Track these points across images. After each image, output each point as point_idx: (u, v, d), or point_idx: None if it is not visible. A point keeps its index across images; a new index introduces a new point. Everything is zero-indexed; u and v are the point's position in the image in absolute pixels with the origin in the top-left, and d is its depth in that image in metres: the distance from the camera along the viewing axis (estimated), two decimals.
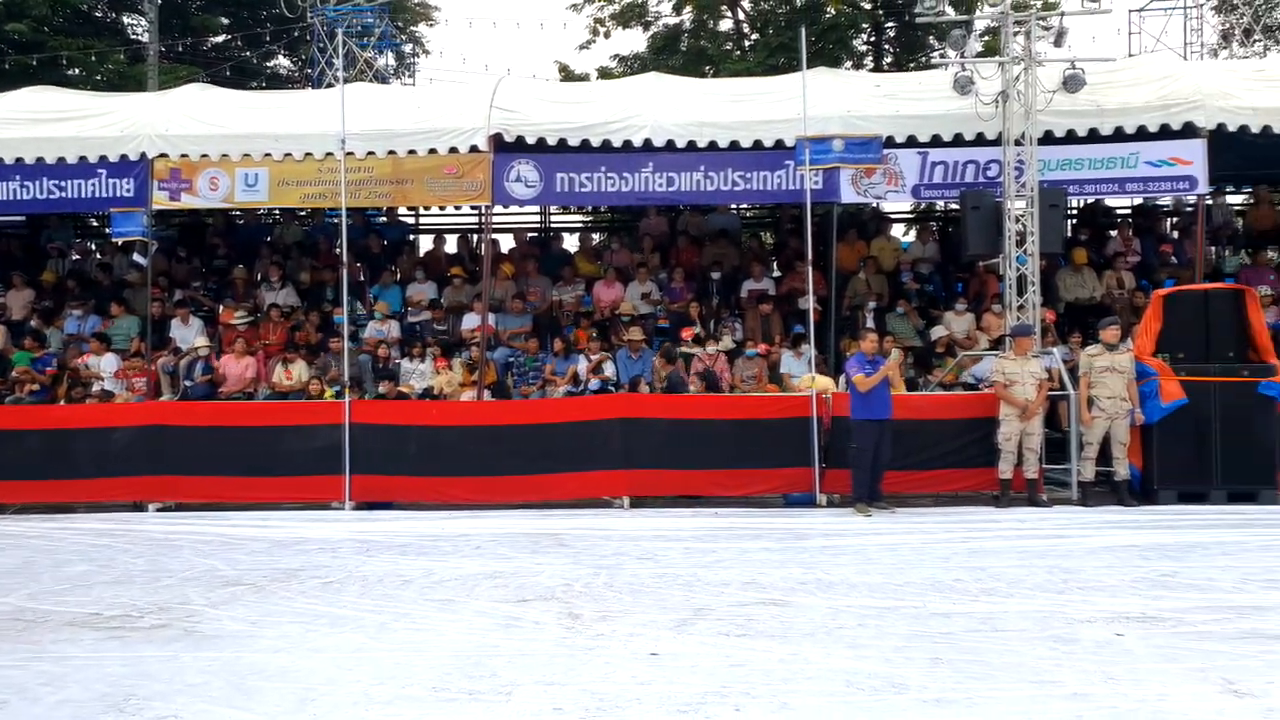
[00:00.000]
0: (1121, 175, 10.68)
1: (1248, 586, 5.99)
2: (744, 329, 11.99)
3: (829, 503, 9.49)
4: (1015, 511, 9.01)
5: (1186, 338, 9.53)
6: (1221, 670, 4.38)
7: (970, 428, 9.63)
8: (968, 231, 10.35)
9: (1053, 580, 6.27)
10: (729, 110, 10.86)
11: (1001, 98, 10.23)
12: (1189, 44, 19.77)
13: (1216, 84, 10.68)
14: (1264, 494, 9.20)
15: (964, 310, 11.75)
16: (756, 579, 6.36)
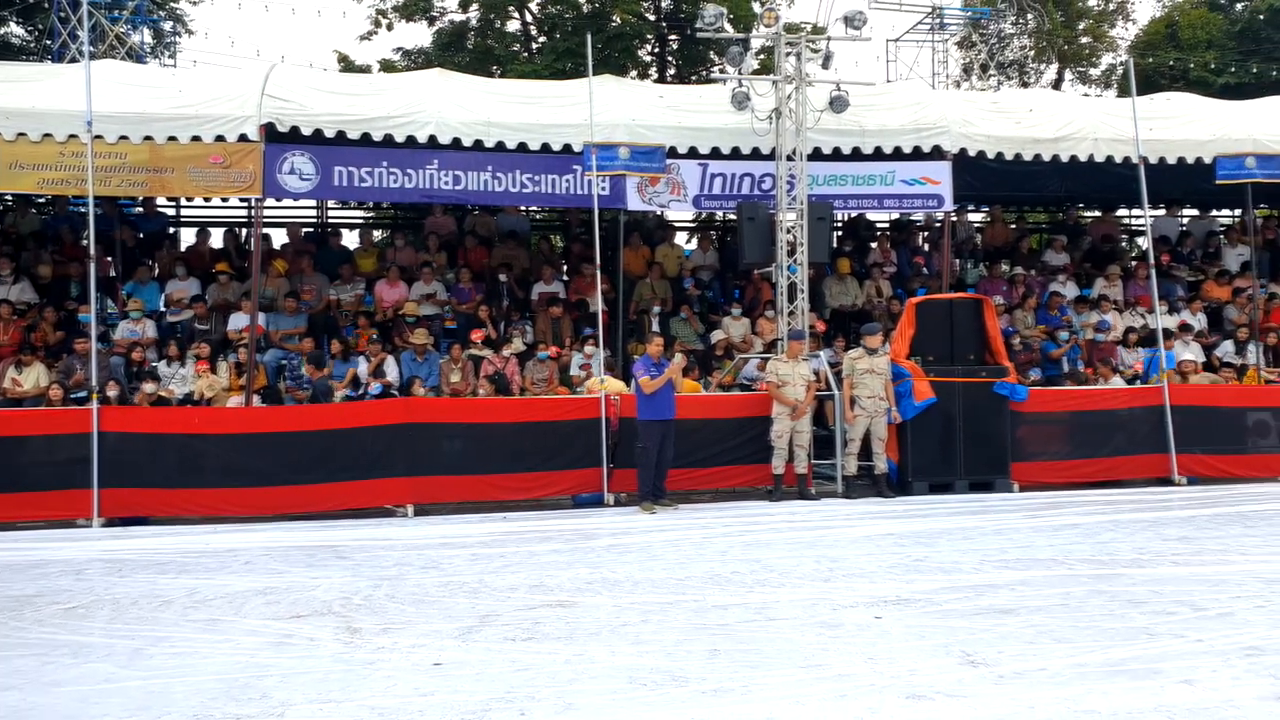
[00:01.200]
0: (881, 192, 11.57)
1: (984, 567, 6.64)
2: (534, 331, 11.98)
3: (616, 502, 9.65)
4: (787, 505, 9.53)
5: (935, 342, 10.46)
6: (962, 644, 4.83)
7: (746, 426, 10.08)
8: (744, 241, 10.85)
9: (820, 569, 6.68)
10: (517, 112, 10.80)
11: (775, 114, 10.81)
12: (936, 74, 21.82)
13: (959, 112, 11.78)
14: (999, 483, 10.25)
15: (741, 315, 12.32)
16: (544, 581, 6.36)
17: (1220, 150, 11.83)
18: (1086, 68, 25.74)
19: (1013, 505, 9.36)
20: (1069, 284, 13.60)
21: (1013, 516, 8.73)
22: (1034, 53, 24.97)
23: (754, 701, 4.11)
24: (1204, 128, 12.10)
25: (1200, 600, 5.61)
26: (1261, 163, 11.84)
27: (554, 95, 11.26)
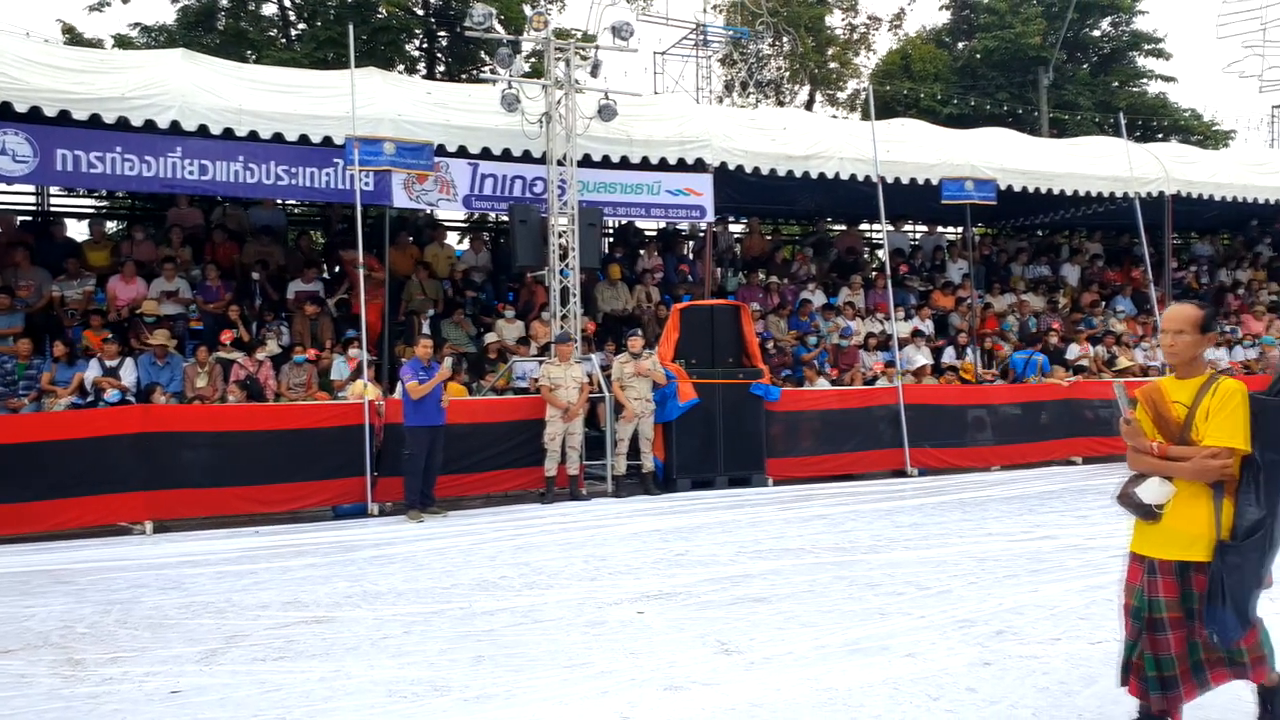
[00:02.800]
0: (648, 200, 11.92)
1: (740, 558, 6.99)
2: (291, 333, 11.34)
3: (382, 512, 9.32)
4: (559, 506, 9.59)
5: (698, 346, 10.90)
6: (718, 634, 5.05)
7: (519, 430, 10.07)
8: (516, 244, 10.83)
9: (588, 569, 6.77)
10: (273, 100, 10.20)
11: (545, 118, 10.87)
12: (701, 89, 22.77)
13: (721, 127, 12.37)
14: (755, 478, 10.84)
15: (514, 318, 12.27)
16: (299, 597, 6.03)
17: (945, 173, 13.14)
18: (834, 91, 27.89)
19: (767, 499, 9.91)
20: (817, 292, 14.61)
21: (767, 509, 9.25)
22: (789, 74, 26.69)
23: (516, 705, 4.09)
24: (932, 152, 13.42)
25: (925, 580, 6.19)
26: (979, 186, 13.26)
27: (314, 85, 10.74)
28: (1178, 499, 3.24)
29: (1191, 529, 3.22)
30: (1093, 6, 26.77)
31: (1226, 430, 3.15)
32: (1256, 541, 3.12)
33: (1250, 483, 3.16)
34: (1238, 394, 3.19)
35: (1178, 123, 27.38)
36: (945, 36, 29.09)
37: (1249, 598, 3.18)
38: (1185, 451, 3.22)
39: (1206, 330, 3.28)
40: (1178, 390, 3.33)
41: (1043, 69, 25.21)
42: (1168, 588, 3.25)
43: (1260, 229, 19.88)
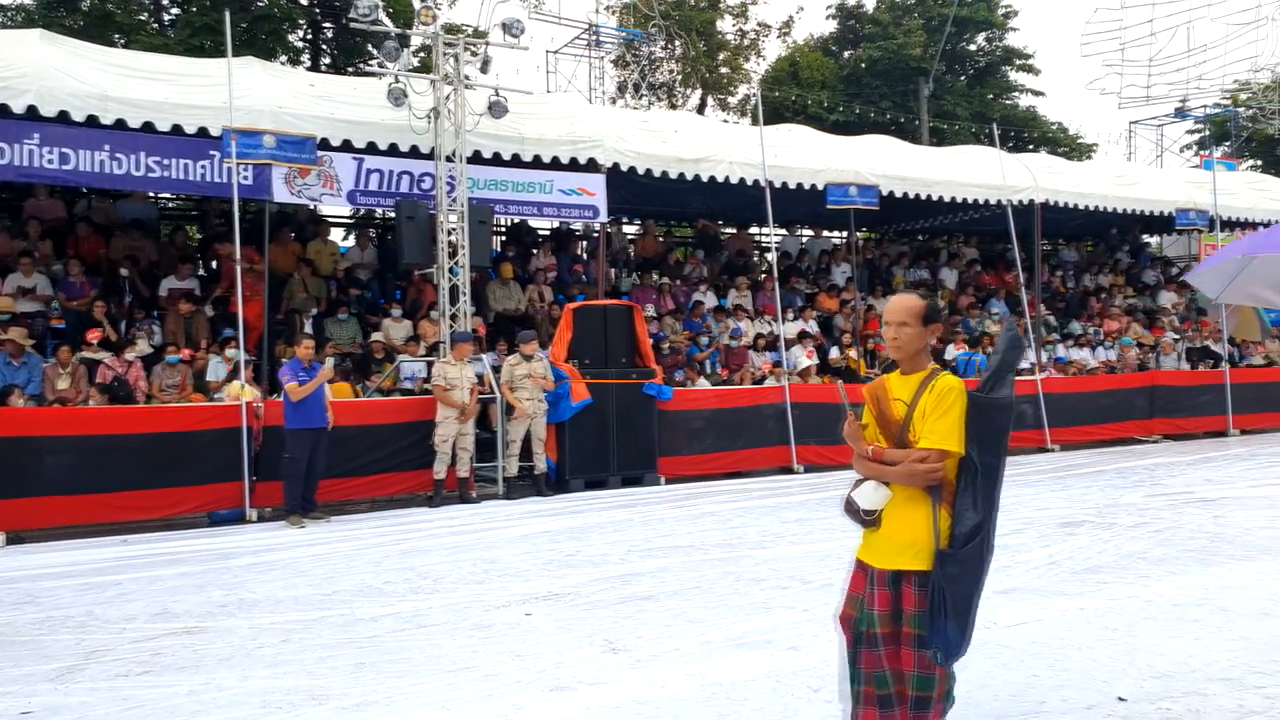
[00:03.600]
0: (540, 199, 11.83)
1: (630, 557, 7.01)
2: (164, 332, 10.81)
3: (260, 518, 8.98)
4: (448, 510, 9.44)
5: (591, 346, 10.89)
6: (605, 633, 5.05)
7: (406, 432, 9.86)
8: (403, 241, 10.59)
9: (476, 572, 6.67)
10: (144, 88, 9.70)
11: (434, 114, 10.67)
12: (594, 89, 22.80)
13: (613, 128, 12.39)
14: (648, 477, 10.90)
15: (401, 317, 12.01)
16: (169, 608, 5.75)
17: (830, 179, 13.50)
18: (726, 96, 28.34)
19: (659, 497, 9.98)
20: (709, 294, 14.80)
21: (659, 508, 9.32)
22: (681, 78, 26.98)
23: (398, 712, 4.00)
24: (818, 158, 13.76)
25: (809, 574, 6.33)
26: (862, 192, 13.68)
27: (188, 74, 10.26)
28: (894, 504, 2.99)
29: (906, 536, 2.97)
30: (969, 21, 27.99)
31: (939, 432, 2.91)
32: (975, 548, 2.92)
33: (968, 486, 2.94)
34: (953, 392, 2.95)
35: (1046, 135, 28.90)
36: (832, 45, 29.93)
37: (971, 610, 2.96)
38: (899, 454, 2.97)
39: (929, 322, 3.04)
40: (900, 387, 3.08)
41: (923, 79, 26.21)
42: (882, 600, 3.01)
43: (1119, 237, 21.16)
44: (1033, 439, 13.77)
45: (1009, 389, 2.98)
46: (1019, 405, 13.10)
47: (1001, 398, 2.96)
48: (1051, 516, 8.39)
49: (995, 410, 2.95)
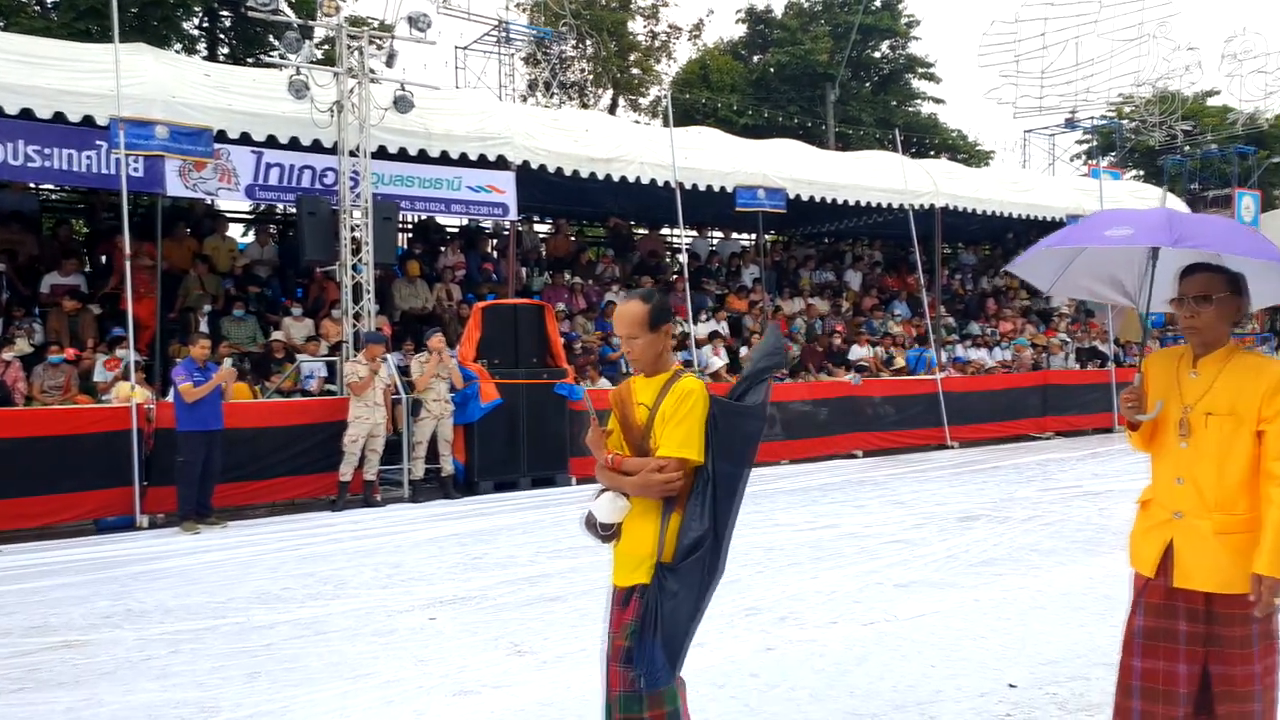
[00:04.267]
0: (448, 196, 11.65)
1: (539, 559, 6.96)
2: (46, 331, 10.26)
3: (152, 524, 8.61)
4: (351, 513, 9.21)
5: (501, 345, 10.78)
6: (511, 635, 4.99)
7: (308, 434, 9.59)
8: (305, 237, 10.29)
9: (379, 576, 6.52)
10: (22, 73, 9.18)
11: (337, 107, 10.40)
12: (504, 86, 22.57)
13: (523, 125, 12.29)
14: (560, 477, 10.84)
15: (303, 316, 11.68)
16: (47, 621, 5.45)
17: (739, 181, 13.67)
18: (637, 97, 28.45)
19: (570, 498, 9.93)
20: (621, 294, 14.80)
21: (570, 509, 9.24)
22: (592, 77, 26.97)
23: None
24: (727, 161, 13.92)
25: None
26: (770, 195, 13.89)
27: (72, 59, 9.75)
28: (631, 517, 2.73)
29: (639, 550, 2.71)
30: (873, 29, 28.74)
31: (677, 439, 2.66)
32: (696, 563, 2.64)
33: (698, 495, 2.68)
34: (693, 395, 2.68)
35: (947, 141, 29.86)
36: (741, 49, 30.35)
37: (684, 634, 2.69)
38: (636, 464, 2.70)
39: (658, 323, 2.77)
40: (643, 390, 2.81)
41: (830, 85, 26.78)
42: (617, 621, 2.75)
43: (1015, 241, 21.98)
44: (933, 436, 14.19)
45: (762, 395, 2.75)
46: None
47: (752, 405, 2.73)
48: (950, 511, 8.66)
49: (744, 417, 2.71)
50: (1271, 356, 3.05)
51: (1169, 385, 2.88)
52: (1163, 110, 27.93)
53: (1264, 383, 2.69)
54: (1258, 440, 2.71)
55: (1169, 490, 2.86)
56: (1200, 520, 2.75)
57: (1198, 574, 2.73)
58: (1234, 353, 2.80)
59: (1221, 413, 2.75)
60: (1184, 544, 2.77)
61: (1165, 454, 2.88)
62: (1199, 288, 2.78)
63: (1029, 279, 3.50)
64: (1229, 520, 2.73)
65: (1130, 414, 2.93)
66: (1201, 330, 2.80)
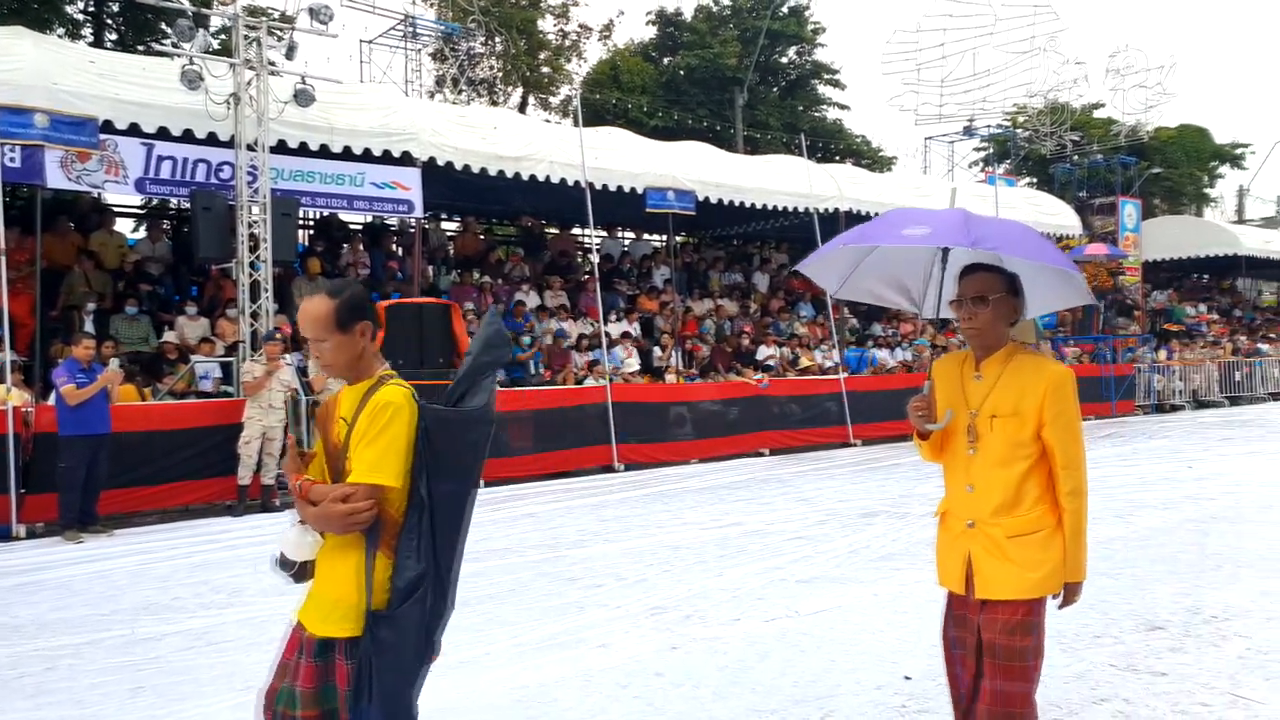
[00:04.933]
0: (351, 192, 11.38)
1: None
2: None
3: (30, 534, 8.17)
4: (250, 519, 8.92)
5: (405, 346, 10.55)
6: None
7: (203, 437, 9.25)
8: (199, 233, 9.92)
9: (277, 584, 6.21)
10: None
11: (234, 99, 10.06)
12: (410, 82, 22.17)
13: (429, 121, 12.10)
14: None
15: (198, 315, 11.26)
16: None
17: (649, 183, 13.74)
18: (547, 96, 28.31)
19: (478, 501, 9.76)
20: (531, 293, 14.72)
21: (477, 512, 8.87)
22: (502, 75, 26.71)
23: None
24: (637, 162, 13.97)
25: (623, 571, 6.39)
26: (680, 197, 14.00)
27: None
28: (324, 554, 2.36)
29: (334, 592, 2.32)
30: (781, 35, 29.24)
31: (367, 460, 2.24)
32: (414, 607, 2.27)
33: (414, 527, 2.29)
34: (390, 408, 2.27)
35: (851, 147, 30.58)
36: (652, 51, 30.49)
37: (408, 687, 2.33)
38: (320, 491, 2.29)
39: (351, 322, 2.35)
40: (346, 401, 2.40)
41: (738, 89, 27.13)
42: (307, 675, 2.32)
43: None
44: (836, 434, 14.51)
45: (486, 397, 2.39)
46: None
47: (475, 409, 2.37)
48: (852, 508, 8.86)
49: (466, 425, 2.36)
50: (1050, 357, 2.91)
51: (955, 391, 2.81)
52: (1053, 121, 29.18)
53: (1043, 382, 2.66)
54: (1038, 439, 2.68)
55: (962, 499, 2.80)
56: (992, 527, 2.71)
57: (996, 583, 2.69)
58: (1014, 353, 2.75)
59: (1005, 414, 2.70)
60: (982, 555, 2.72)
61: (956, 462, 2.82)
62: (976, 288, 2.72)
63: (817, 279, 3.28)
64: (1018, 522, 2.69)
65: (920, 423, 2.83)
66: (982, 331, 2.74)
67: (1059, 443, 2.67)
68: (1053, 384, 2.66)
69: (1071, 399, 2.69)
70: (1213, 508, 8.40)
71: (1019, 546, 2.68)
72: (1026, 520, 2.69)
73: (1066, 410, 2.68)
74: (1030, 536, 2.68)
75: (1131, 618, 5.07)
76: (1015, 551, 2.68)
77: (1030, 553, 2.68)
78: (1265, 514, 8.04)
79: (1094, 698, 3.93)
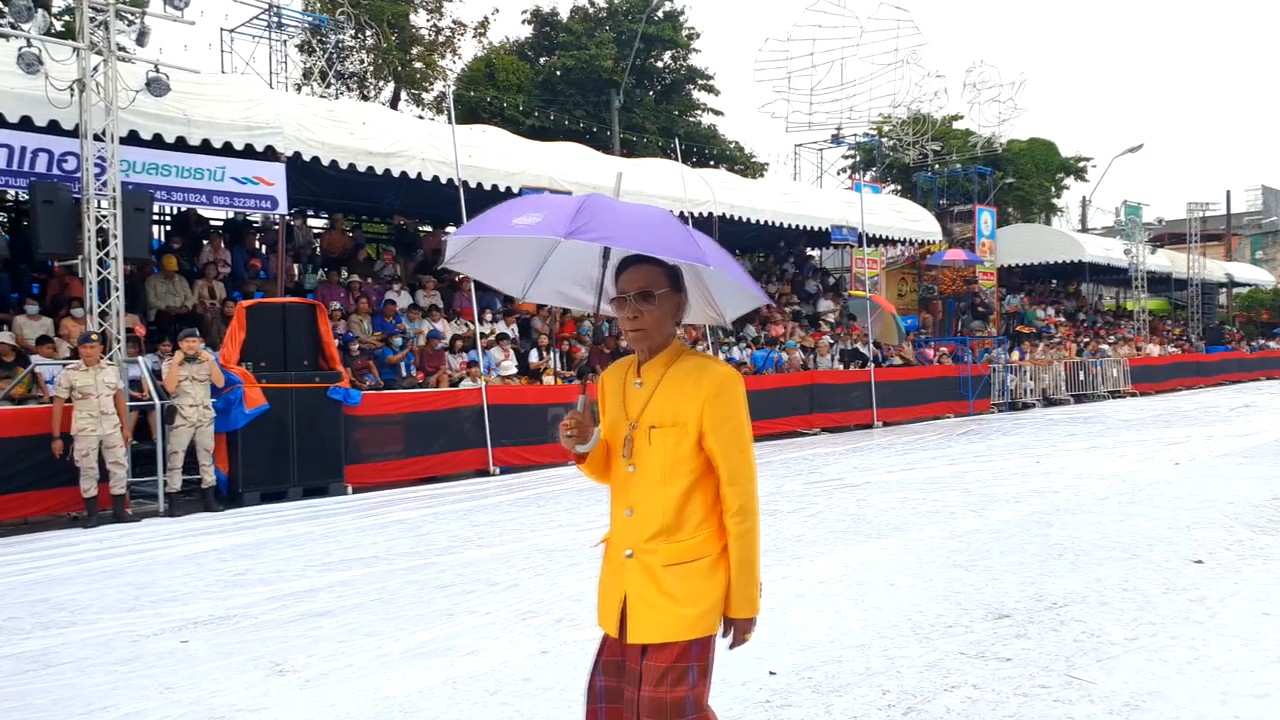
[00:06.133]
0: (210, 187, 10.87)
1: (307, 572, 6.62)
2: None
3: None
4: (99, 531, 8.42)
5: (268, 347, 10.17)
6: (273, 655, 4.72)
7: (45, 444, 8.64)
8: (39, 228, 9.28)
9: (125, 599, 5.98)
10: None
11: (78, 86, 9.46)
12: (275, 74, 21.34)
13: (294, 115, 11.68)
14: (333, 486, 10.37)
15: (39, 314, 10.54)
16: None
17: (525, 183, 13.66)
18: (420, 92, 27.74)
19: (345, 508, 9.53)
20: (403, 293, 14.40)
21: (344, 519, 8.89)
22: (372, 69, 26.01)
23: None
24: (513, 161, 13.87)
25: (495, 576, 6.33)
26: None
27: None
28: None
29: None
30: (656, 39, 29.55)
31: None
32: None
33: None
34: None
35: (725, 152, 31.18)
36: (528, 50, 30.32)
37: None
38: None
39: None
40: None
41: (614, 91, 27.27)
42: None
43: (786, 249, 23.31)
44: None
45: None
46: None
47: None
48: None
49: None
50: (715, 357, 2.50)
51: (617, 401, 2.48)
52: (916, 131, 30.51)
53: (705, 386, 2.32)
54: (700, 450, 2.34)
55: (621, 525, 2.43)
56: (649, 555, 2.34)
57: (648, 624, 2.31)
58: (679, 354, 2.41)
59: (665, 424, 2.35)
60: (636, 591, 2.34)
61: (617, 483, 2.48)
62: (640, 283, 2.35)
63: (496, 284, 2.83)
64: (677, 548, 2.33)
65: (569, 444, 2.44)
66: (649, 332, 2.38)
67: (722, 455, 2.32)
68: (715, 388, 2.32)
69: (736, 405, 2.34)
70: (1057, 500, 8.96)
71: (677, 577, 2.31)
72: (687, 546, 2.33)
73: (732, 417, 2.32)
74: (690, 565, 2.32)
75: (982, 607, 5.35)
76: (672, 583, 2.31)
77: (689, 584, 2.30)
78: (1101, 505, 8.63)
79: (945, 685, 4.13)
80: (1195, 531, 7.33)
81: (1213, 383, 29.25)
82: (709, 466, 2.35)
